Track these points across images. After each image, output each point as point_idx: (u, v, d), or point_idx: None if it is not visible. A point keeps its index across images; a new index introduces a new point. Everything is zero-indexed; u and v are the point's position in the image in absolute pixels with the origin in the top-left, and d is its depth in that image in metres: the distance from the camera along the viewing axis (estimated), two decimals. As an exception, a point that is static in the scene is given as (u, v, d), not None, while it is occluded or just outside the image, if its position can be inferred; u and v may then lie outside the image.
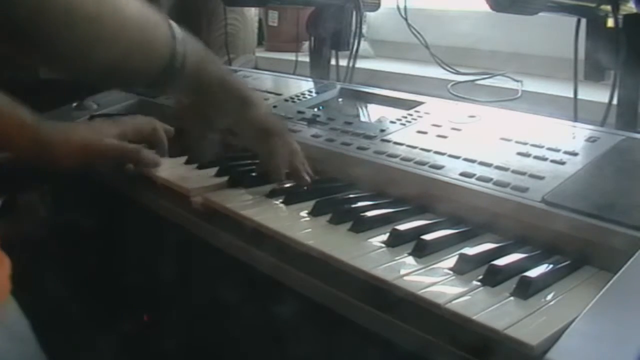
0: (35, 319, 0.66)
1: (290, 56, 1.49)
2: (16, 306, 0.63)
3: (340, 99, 1.05)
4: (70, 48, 0.56)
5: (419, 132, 0.81)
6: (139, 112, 1.07)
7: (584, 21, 0.90)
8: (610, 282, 0.49)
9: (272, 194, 0.72)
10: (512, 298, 0.50)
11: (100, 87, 0.73)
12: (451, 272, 0.54)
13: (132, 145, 0.84)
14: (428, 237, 0.58)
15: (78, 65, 0.59)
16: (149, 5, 0.62)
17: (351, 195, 0.73)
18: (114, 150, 0.83)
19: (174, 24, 0.65)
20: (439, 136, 0.79)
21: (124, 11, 0.58)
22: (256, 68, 1.56)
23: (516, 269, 0.53)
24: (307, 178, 0.74)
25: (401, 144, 0.78)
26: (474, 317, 0.46)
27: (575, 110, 0.93)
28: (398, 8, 1.31)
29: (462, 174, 0.68)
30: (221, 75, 0.72)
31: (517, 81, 1.16)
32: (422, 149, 0.75)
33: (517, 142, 0.73)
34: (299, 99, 1.02)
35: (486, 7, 0.78)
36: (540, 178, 0.65)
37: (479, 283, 0.52)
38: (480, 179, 0.66)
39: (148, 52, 0.62)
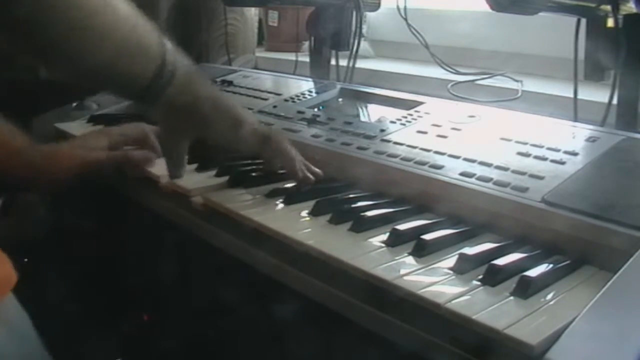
0: (35, 318, 0.66)
1: (290, 56, 1.49)
2: (17, 303, 0.64)
3: (340, 99, 1.05)
4: (64, 42, 0.55)
5: (419, 132, 0.81)
6: (139, 112, 1.07)
7: (584, 21, 0.90)
8: (610, 282, 0.49)
9: (272, 194, 0.72)
10: (512, 298, 0.50)
11: (92, 88, 0.72)
12: (451, 272, 0.54)
13: (119, 152, 0.85)
14: (428, 236, 0.58)
15: (71, 62, 0.58)
16: (141, 12, 0.61)
17: (351, 195, 0.73)
18: (104, 161, 0.83)
19: (163, 36, 0.64)
20: (439, 136, 0.79)
21: (116, 10, 0.57)
22: (256, 68, 1.56)
23: (516, 268, 0.53)
24: (311, 177, 0.74)
25: (401, 144, 0.78)
26: (474, 317, 0.46)
27: (575, 110, 0.94)
28: (398, 8, 1.31)
29: (462, 174, 0.68)
30: (212, 93, 0.71)
31: (517, 81, 1.16)
32: (422, 149, 0.76)
33: (517, 142, 0.73)
34: (299, 99, 1.02)
35: (486, 7, 0.78)
36: (540, 178, 0.65)
37: (479, 283, 0.52)
38: (480, 178, 0.67)
39: (138, 56, 0.61)
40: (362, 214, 0.64)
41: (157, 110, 0.68)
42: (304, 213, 0.67)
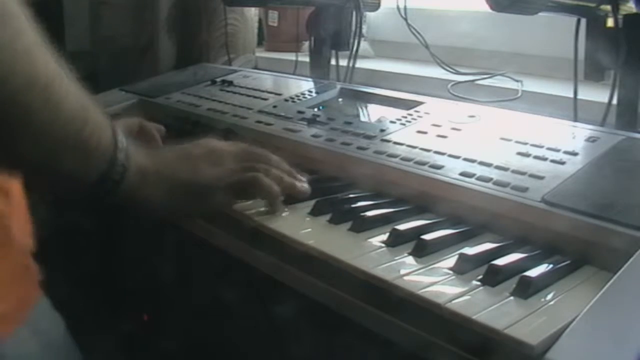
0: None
1: (290, 56, 1.49)
2: (51, 311, 0.62)
3: (340, 99, 1.05)
4: None
5: (419, 132, 0.81)
6: (139, 112, 1.07)
7: (584, 21, 0.90)
8: (610, 282, 0.49)
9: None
10: (512, 298, 0.50)
11: (32, 186, 0.63)
12: (451, 272, 0.54)
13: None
14: (428, 237, 0.58)
15: (4, 153, 0.53)
16: (95, 104, 0.56)
17: (351, 195, 0.73)
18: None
19: (120, 132, 0.59)
20: (439, 136, 0.79)
21: (58, 105, 0.52)
22: (256, 68, 1.56)
23: (516, 268, 0.53)
24: (305, 186, 0.70)
25: (401, 144, 0.78)
26: (474, 317, 0.46)
27: (575, 110, 0.93)
28: (398, 8, 1.31)
29: (462, 174, 0.68)
30: (172, 181, 0.64)
31: (517, 81, 1.16)
32: (422, 149, 0.75)
33: (517, 142, 0.73)
34: (299, 99, 1.02)
35: (486, 7, 0.78)
36: (540, 178, 0.65)
37: (479, 283, 0.52)
38: (480, 178, 0.66)
39: (83, 156, 0.56)
40: (362, 214, 0.64)
41: (115, 204, 0.62)
42: (304, 213, 0.67)
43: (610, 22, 0.84)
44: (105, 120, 0.58)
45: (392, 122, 0.86)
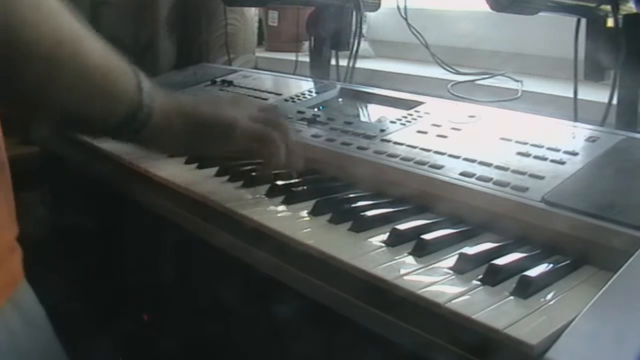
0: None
1: (290, 56, 1.49)
2: (32, 292, 0.64)
3: (340, 99, 1.05)
4: (25, 86, 0.55)
5: (419, 132, 0.81)
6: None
7: (584, 21, 0.90)
8: (610, 281, 0.49)
9: (272, 194, 0.72)
10: (512, 297, 0.50)
11: (59, 131, 0.68)
12: (451, 272, 0.54)
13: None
14: (428, 236, 0.58)
15: (33, 105, 0.58)
16: (118, 54, 0.61)
17: (351, 195, 0.73)
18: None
19: (142, 76, 0.63)
20: (439, 136, 0.79)
21: (85, 57, 0.57)
22: (256, 68, 1.56)
23: (516, 268, 0.53)
24: (294, 174, 0.74)
25: (401, 144, 0.78)
26: (474, 317, 0.46)
27: (575, 110, 0.94)
28: (398, 8, 1.31)
29: (462, 174, 0.68)
30: (194, 112, 0.68)
31: (517, 81, 1.16)
32: (422, 149, 0.76)
33: (517, 142, 0.73)
34: (299, 99, 1.02)
35: (486, 7, 0.78)
36: (540, 178, 0.65)
37: (478, 282, 0.52)
38: (480, 178, 0.67)
39: (110, 102, 0.61)
40: (362, 213, 0.64)
41: (142, 146, 0.67)
42: (304, 213, 0.67)
43: (610, 22, 0.84)
44: (128, 67, 0.62)
45: (392, 122, 0.86)
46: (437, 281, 0.52)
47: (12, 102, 0.58)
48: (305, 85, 1.11)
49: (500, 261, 0.53)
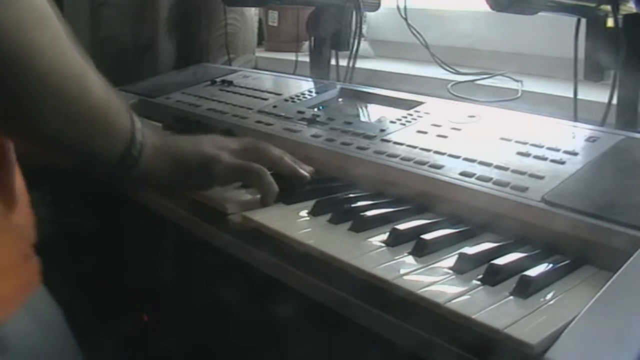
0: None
1: (290, 56, 1.49)
2: (49, 298, 0.65)
3: (340, 99, 1.05)
4: (32, 123, 0.55)
5: (419, 132, 0.81)
6: (139, 112, 1.07)
7: (584, 21, 0.90)
8: (610, 281, 0.49)
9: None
10: (511, 297, 0.50)
11: (61, 164, 0.68)
12: (451, 272, 0.54)
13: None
14: (428, 236, 0.58)
15: (38, 140, 0.58)
16: (113, 91, 0.62)
17: (351, 195, 0.73)
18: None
19: (134, 114, 0.65)
20: (439, 136, 0.79)
21: (89, 93, 0.57)
22: (256, 68, 1.56)
23: (516, 268, 0.53)
24: (305, 173, 0.74)
25: (401, 144, 0.78)
26: (474, 317, 0.46)
27: (575, 110, 0.94)
28: (398, 8, 1.31)
29: (462, 174, 0.68)
30: (178, 154, 0.69)
31: (517, 81, 1.16)
32: (422, 149, 0.76)
33: (517, 142, 0.73)
34: (299, 99, 1.02)
35: (486, 7, 0.78)
36: (540, 178, 0.65)
37: (478, 282, 0.52)
38: (480, 178, 0.67)
39: (110, 138, 0.62)
40: (362, 213, 0.64)
41: (133, 182, 0.68)
42: (304, 213, 0.67)
43: (610, 22, 0.84)
44: (123, 103, 0.64)
45: (392, 122, 0.86)
46: (437, 281, 0.52)
47: (17, 137, 0.59)
48: (305, 85, 1.11)
49: (500, 261, 0.53)
